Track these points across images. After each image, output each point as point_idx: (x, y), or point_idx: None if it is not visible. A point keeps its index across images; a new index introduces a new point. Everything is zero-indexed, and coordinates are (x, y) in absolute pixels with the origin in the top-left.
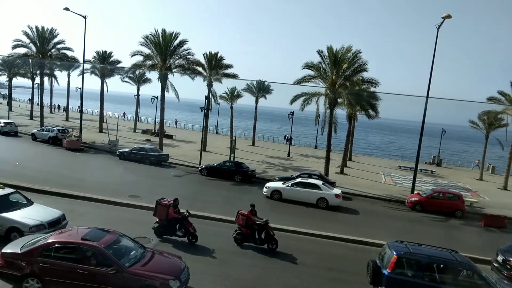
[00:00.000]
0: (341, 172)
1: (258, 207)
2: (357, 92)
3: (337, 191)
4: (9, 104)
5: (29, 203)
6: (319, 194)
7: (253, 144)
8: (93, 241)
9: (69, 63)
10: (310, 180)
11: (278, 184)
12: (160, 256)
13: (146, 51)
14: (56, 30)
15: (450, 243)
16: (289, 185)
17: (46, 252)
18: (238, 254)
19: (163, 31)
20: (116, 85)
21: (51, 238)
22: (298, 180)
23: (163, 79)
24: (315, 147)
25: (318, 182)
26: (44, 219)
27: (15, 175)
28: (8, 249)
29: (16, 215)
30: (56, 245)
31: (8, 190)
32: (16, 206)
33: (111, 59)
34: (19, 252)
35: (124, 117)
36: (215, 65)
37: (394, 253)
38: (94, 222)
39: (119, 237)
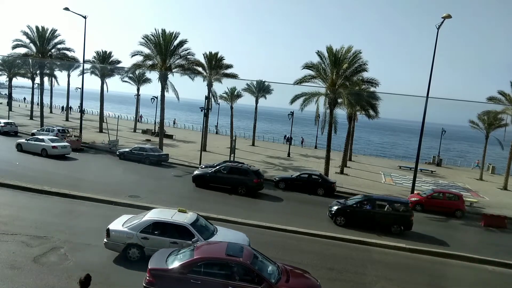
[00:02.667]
0: (341, 172)
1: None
2: (357, 92)
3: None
4: (9, 104)
5: (214, 226)
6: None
7: (253, 144)
8: (238, 257)
9: (69, 63)
10: (233, 165)
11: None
12: (294, 271)
13: (146, 51)
14: (56, 30)
15: (450, 243)
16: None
17: (196, 268)
18: None
19: (163, 31)
20: (116, 85)
21: (197, 253)
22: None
23: (163, 79)
24: (315, 147)
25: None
26: (243, 240)
27: (15, 175)
28: (154, 265)
29: (224, 239)
30: (204, 261)
31: (194, 214)
32: (209, 230)
33: (111, 59)
34: (168, 268)
35: (141, 119)
36: (215, 65)
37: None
38: (94, 222)
39: (254, 252)
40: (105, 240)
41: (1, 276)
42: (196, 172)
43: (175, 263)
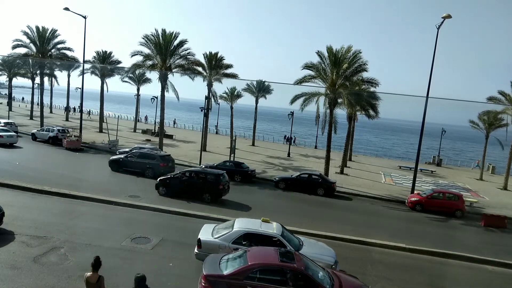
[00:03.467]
0: (341, 172)
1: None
2: (357, 92)
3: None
4: (9, 104)
5: (297, 237)
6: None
7: (253, 144)
8: (293, 263)
9: (69, 63)
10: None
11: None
12: (346, 277)
13: (146, 51)
14: (56, 30)
15: (450, 243)
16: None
17: (251, 274)
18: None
19: (163, 31)
20: (116, 85)
21: (251, 259)
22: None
23: (163, 79)
24: (315, 147)
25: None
26: (332, 255)
27: (15, 175)
28: (208, 271)
29: (315, 252)
30: (260, 268)
31: (278, 224)
32: (295, 241)
33: (111, 59)
34: (224, 274)
35: (146, 120)
36: (215, 65)
37: None
38: (94, 222)
39: (303, 257)
40: (196, 251)
41: (1, 276)
42: (112, 157)
43: (229, 269)
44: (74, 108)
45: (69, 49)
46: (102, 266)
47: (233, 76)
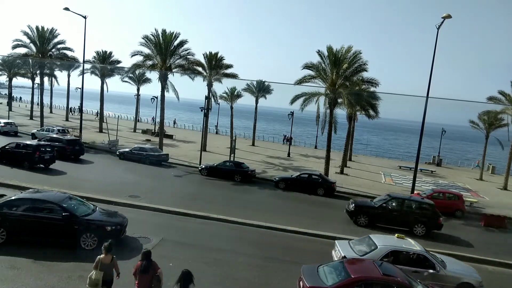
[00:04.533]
0: (341, 172)
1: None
2: (357, 92)
3: None
4: (9, 104)
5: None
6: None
7: (253, 144)
8: (396, 277)
9: (69, 63)
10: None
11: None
12: None
13: (146, 51)
14: (56, 30)
15: (450, 243)
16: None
17: (356, 287)
18: (238, 254)
19: (163, 31)
20: (116, 85)
21: (353, 272)
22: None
23: (163, 79)
24: (315, 147)
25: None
26: (476, 273)
27: (15, 175)
28: (312, 283)
29: (459, 269)
30: (364, 281)
31: (414, 241)
32: (437, 258)
33: (111, 59)
34: (328, 286)
35: (153, 121)
36: (215, 65)
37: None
38: None
39: (400, 270)
40: None
41: (1, 276)
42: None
43: (332, 282)
44: (79, 108)
45: (69, 49)
46: None
47: (233, 76)
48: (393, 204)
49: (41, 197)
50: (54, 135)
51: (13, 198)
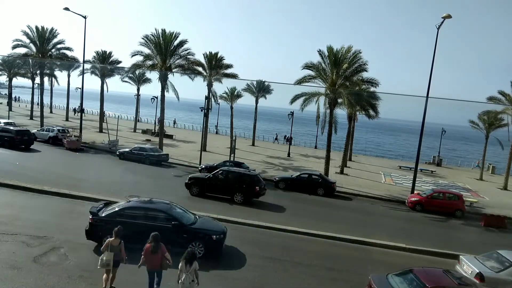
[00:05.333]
0: (341, 172)
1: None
2: (357, 92)
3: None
4: (9, 104)
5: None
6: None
7: (253, 144)
8: (472, 285)
9: (69, 63)
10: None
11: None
12: None
13: (146, 51)
14: (56, 30)
15: (450, 243)
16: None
17: None
18: (237, 254)
19: (163, 31)
20: (116, 85)
21: (426, 281)
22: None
23: (163, 79)
24: (315, 147)
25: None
26: None
27: (15, 175)
28: None
29: None
30: None
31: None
32: None
33: (111, 59)
34: None
35: (158, 122)
36: (215, 65)
37: None
38: None
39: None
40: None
41: (1, 276)
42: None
43: None
44: (83, 110)
45: (69, 49)
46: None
47: (233, 76)
48: (219, 175)
49: (151, 206)
50: (3, 126)
51: (126, 206)
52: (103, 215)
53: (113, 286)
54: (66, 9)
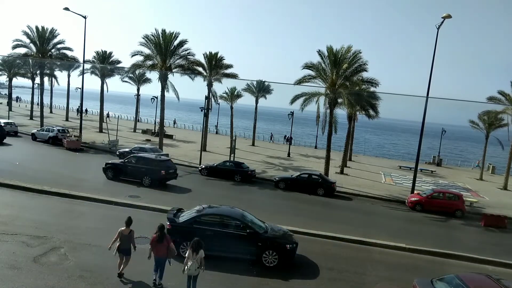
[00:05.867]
0: (341, 172)
1: None
2: (357, 92)
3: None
4: (9, 104)
5: None
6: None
7: (253, 144)
8: None
9: (69, 63)
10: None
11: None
12: None
13: (146, 51)
14: (56, 30)
15: (450, 243)
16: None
17: None
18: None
19: (163, 31)
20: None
21: (472, 285)
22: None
23: (163, 79)
24: (315, 147)
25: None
26: None
27: (15, 175)
28: None
29: None
30: None
31: None
32: None
33: (111, 59)
34: None
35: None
36: (215, 65)
37: None
38: (94, 222)
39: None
40: None
41: (1, 276)
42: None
43: None
44: (86, 110)
45: (69, 49)
46: (102, 265)
47: (233, 76)
48: (131, 160)
49: (226, 213)
50: None
51: (202, 213)
52: (180, 221)
53: (122, 273)
54: (66, 9)
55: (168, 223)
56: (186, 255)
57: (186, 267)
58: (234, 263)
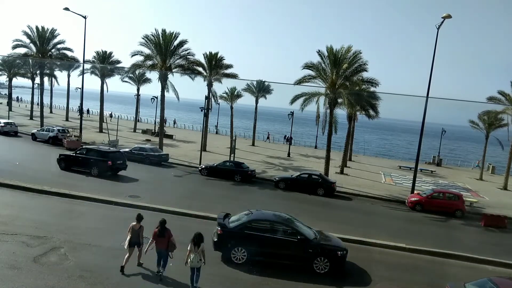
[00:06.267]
0: (341, 172)
1: None
2: (357, 92)
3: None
4: (9, 104)
5: None
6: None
7: (253, 144)
8: None
9: (69, 63)
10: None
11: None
12: None
13: (146, 51)
14: (56, 30)
15: (450, 243)
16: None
17: None
18: None
19: (163, 31)
20: (116, 85)
21: None
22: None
23: (163, 79)
24: (315, 147)
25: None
26: None
27: (15, 175)
28: None
29: None
30: None
31: None
32: None
33: (111, 59)
34: None
35: (166, 123)
36: (215, 65)
37: None
38: (94, 222)
39: None
40: None
41: (1, 276)
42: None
43: None
44: (88, 110)
45: (69, 49)
46: (101, 265)
47: (233, 76)
48: (82, 152)
49: (276, 219)
50: None
51: (252, 218)
52: (231, 227)
53: (141, 262)
54: (66, 9)
55: (219, 229)
56: (188, 248)
57: (189, 260)
58: (285, 270)
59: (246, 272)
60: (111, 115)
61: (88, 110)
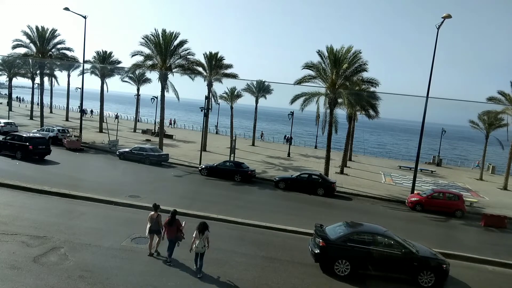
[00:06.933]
0: (341, 172)
1: None
2: (357, 92)
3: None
4: (9, 104)
5: None
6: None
7: (253, 144)
8: None
9: (69, 63)
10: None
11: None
12: None
13: (146, 51)
14: (56, 30)
15: (450, 243)
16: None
17: None
18: (238, 254)
19: (163, 31)
20: (116, 85)
21: None
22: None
23: (163, 79)
24: (315, 147)
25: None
26: None
27: (15, 175)
28: None
29: None
30: None
31: None
32: None
33: (111, 59)
34: None
35: (173, 124)
36: (215, 65)
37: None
38: (94, 222)
39: None
40: None
41: (1, 276)
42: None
43: None
44: (92, 111)
45: (69, 49)
46: (101, 265)
47: (233, 76)
48: (9, 138)
49: (379, 231)
50: None
51: (353, 231)
52: (333, 238)
53: (158, 251)
54: (66, 9)
55: (321, 241)
56: (193, 235)
57: (193, 246)
58: (389, 283)
59: (354, 285)
60: (117, 116)
61: (92, 111)
